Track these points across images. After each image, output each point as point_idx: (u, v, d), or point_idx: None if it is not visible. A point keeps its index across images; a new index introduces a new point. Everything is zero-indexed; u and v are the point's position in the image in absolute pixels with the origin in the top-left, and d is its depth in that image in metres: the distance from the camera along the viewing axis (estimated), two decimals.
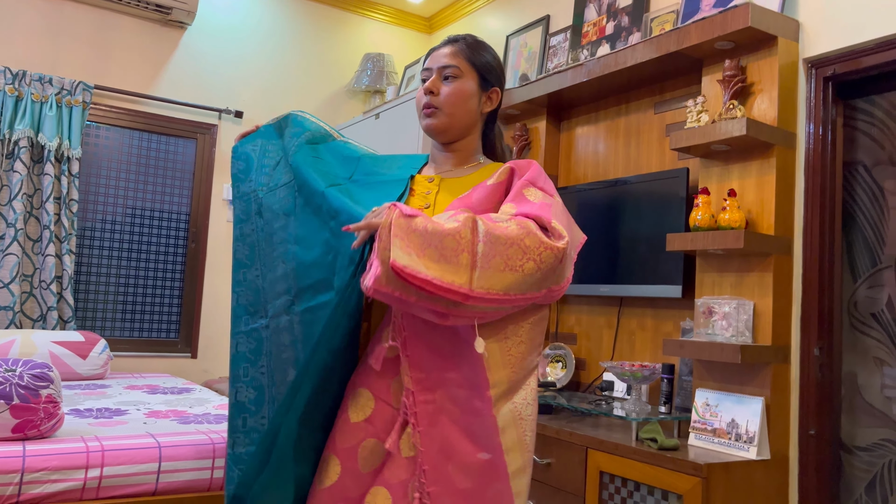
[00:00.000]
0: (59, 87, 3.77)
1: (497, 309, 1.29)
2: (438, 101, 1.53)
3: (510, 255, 1.26)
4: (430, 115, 1.54)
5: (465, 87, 1.55)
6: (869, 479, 2.30)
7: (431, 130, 1.56)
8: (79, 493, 1.83)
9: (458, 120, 1.55)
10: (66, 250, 3.72)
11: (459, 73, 1.55)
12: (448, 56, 1.55)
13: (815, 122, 2.41)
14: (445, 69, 1.55)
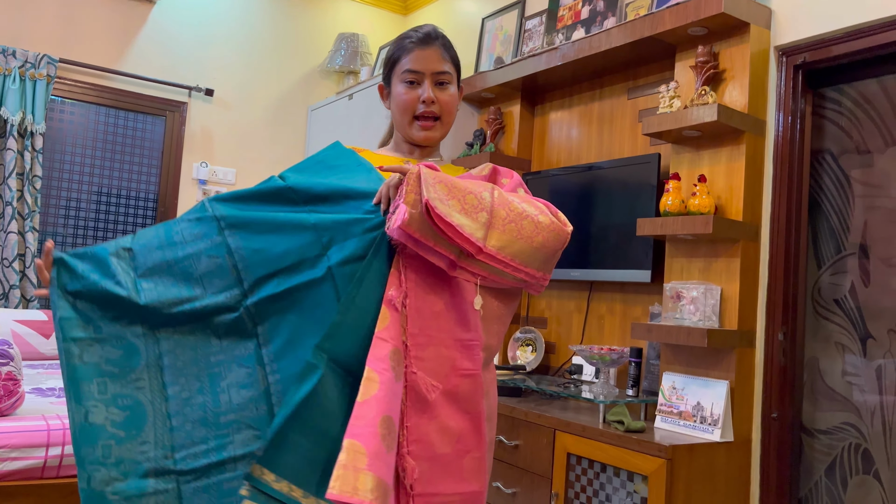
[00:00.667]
0: (23, 60, 3.67)
1: (500, 274, 1.34)
2: (438, 110, 1.51)
3: (524, 226, 1.33)
4: (430, 127, 1.51)
5: (455, 93, 1.55)
6: (829, 462, 2.35)
7: (430, 141, 1.54)
8: (39, 472, 1.80)
9: (449, 127, 1.56)
10: (28, 227, 3.64)
11: (451, 79, 1.53)
12: (439, 61, 1.51)
13: (784, 110, 2.44)
14: (440, 75, 1.51)
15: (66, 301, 1.32)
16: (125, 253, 1.37)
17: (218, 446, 1.29)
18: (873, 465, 2.24)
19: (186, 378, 1.32)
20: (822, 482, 2.35)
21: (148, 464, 1.27)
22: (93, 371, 1.29)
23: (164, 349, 1.33)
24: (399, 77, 1.52)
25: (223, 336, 1.35)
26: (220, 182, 4.35)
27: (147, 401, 1.30)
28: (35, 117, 3.68)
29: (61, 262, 1.35)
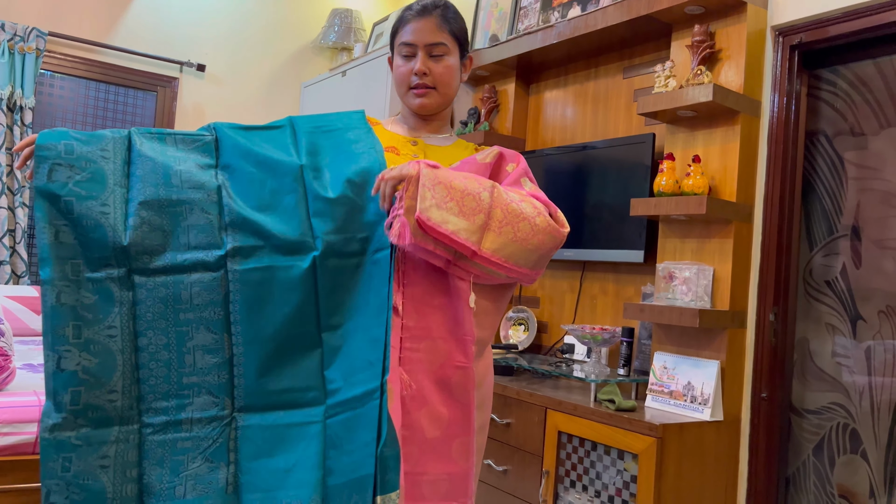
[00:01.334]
0: (12, 33, 3.62)
1: (494, 273, 1.38)
2: (432, 80, 1.52)
3: (520, 227, 1.36)
4: (423, 94, 1.52)
5: (453, 64, 1.54)
6: (817, 441, 2.37)
7: (425, 109, 1.55)
8: (31, 447, 1.80)
9: (449, 97, 1.56)
10: (19, 203, 3.61)
11: (447, 50, 1.52)
12: (434, 32, 1.50)
13: (780, 91, 2.43)
14: (434, 46, 1.51)
15: (48, 225, 1.29)
16: (122, 187, 1.35)
17: (178, 406, 1.32)
18: (861, 444, 2.26)
19: (154, 332, 1.32)
20: (810, 461, 2.38)
21: (114, 412, 1.29)
22: (68, 314, 1.28)
23: (138, 297, 1.32)
24: (397, 49, 1.55)
25: (195, 295, 1.34)
26: None
27: (118, 350, 1.30)
28: (24, 91, 3.63)
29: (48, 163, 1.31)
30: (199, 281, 1.34)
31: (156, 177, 1.36)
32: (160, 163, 1.37)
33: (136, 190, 1.34)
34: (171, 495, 1.30)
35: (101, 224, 1.31)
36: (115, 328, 1.31)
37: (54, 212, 1.30)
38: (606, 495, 2.31)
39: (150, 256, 1.34)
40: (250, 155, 1.42)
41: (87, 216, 1.31)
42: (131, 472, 1.29)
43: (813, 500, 2.36)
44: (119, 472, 1.29)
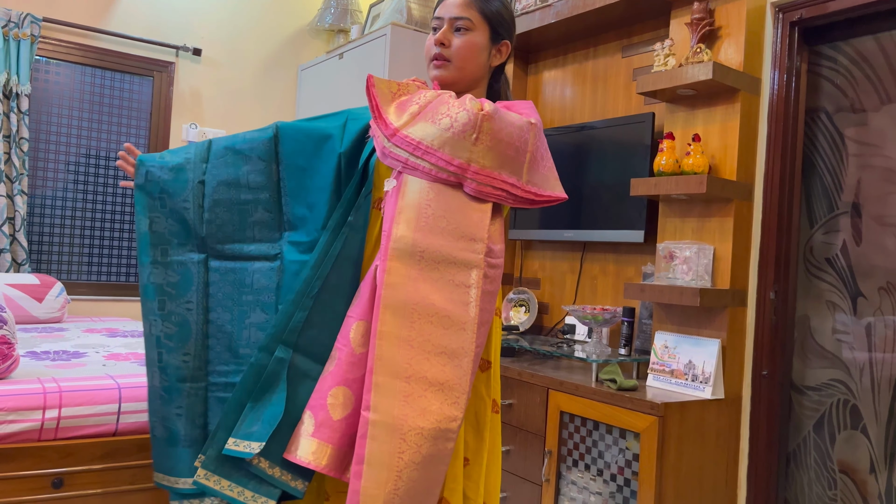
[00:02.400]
0: (6, 20, 3.59)
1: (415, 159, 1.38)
2: (449, 53, 1.52)
3: (439, 110, 1.40)
4: (439, 66, 1.53)
5: (476, 41, 1.53)
6: (817, 418, 2.39)
7: (440, 81, 1.55)
8: (37, 434, 1.81)
9: (467, 73, 1.54)
10: (17, 191, 3.60)
11: (471, 26, 1.52)
12: (461, 7, 1.52)
13: (780, 68, 2.42)
14: (457, 20, 1.52)
15: (145, 217, 1.62)
16: (199, 187, 1.63)
17: (234, 370, 1.60)
18: (861, 420, 2.28)
19: (223, 308, 1.61)
20: (811, 437, 2.40)
21: (187, 371, 1.59)
22: (156, 290, 1.60)
23: (212, 279, 1.62)
24: (431, 27, 1.58)
25: (255, 280, 1.61)
26: None
27: (193, 321, 1.60)
28: (20, 78, 3.61)
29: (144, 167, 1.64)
30: (260, 269, 1.61)
31: (227, 178, 1.63)
32: (231, 163, 1.64)
33: (211, 188, 1.63)
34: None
35: (184, 217, 1.62)
36: (192, 303, 1.61)
37: (149, 206, 1.62)
38: (609, 474, 2.33)
39: (223, 245, 1.62)
40: (304, 152, 1.63)
41: (174, 210, 1.62)
42: (199, 421, 1.58)
43: (814, 476, 2.38)
44: (189, 419, 1.58)
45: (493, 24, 1.56)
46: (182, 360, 1.58)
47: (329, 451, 1.37)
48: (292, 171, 1.63)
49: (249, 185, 1.62)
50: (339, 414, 1.37)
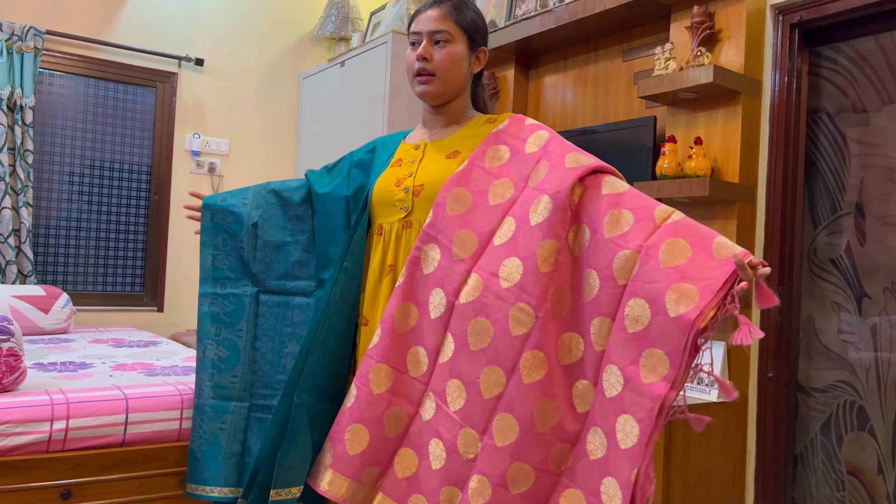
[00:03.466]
0: (10, 33, 3.61)
1: None
2: (432, 66, 1.56)
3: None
4: (424, 81, 1.57)
5: (456, 51, 1.57)
6: (824, 419, 2.38)
7: (426, 96, 1.59)
8: (45, 445, 1.82)
9: (451, 85, 1.58)
10: (23, 203, 3.62)
11: (450, 38, 1.56)
12: (437, 20, 1.55)
13: (780, 70, 2.42)
14: (436, 34, 1.55)
15: (209, 255, 1.81)
16: (252, 229, 1.80)
17: (272, 394, 1.77)
18: (868, 421, 2.27)
19: (268, 337, 1.79)
20: (818, 439, 2.39)
21: (234, 391, 1.77)
22: (213, 318, 1.79)
23: (260, 311, 1.80)
24: (409, 41, 1.61)
25: (295, 314, 1.78)
26: (213, 153, 4.32)
27: (242, 347, 1.78)
28: (24, 91, 3.63)
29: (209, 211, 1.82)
30: (299, 304, 1.79)
31: (276, 221, 1.82)
32: (277, 208, 1.82)
33: (262, 231, 1.81)
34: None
35: (241, 255, 1.81)
36: (243, 331, 1.79)
37: (213, 244, 1.81)
38: None
39: (271, 281, 1.80)
40: (322, 198, 1.79)
41: (233, 249, 1.81)
42: (239, 436, 1.75)
43: (821, 477, 2.37)
44: (231, 434, 1.74)
45: (470, 33, 1.60)
46: (230, 381, 1.76)
47: (346, 484, 1.43)
48: (317, 215, 1.80)
49: (291, 229, 1.81)
50: (355, 450, 1.42)
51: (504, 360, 1.30)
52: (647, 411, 1.16)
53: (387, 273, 1.55)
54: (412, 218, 1.55)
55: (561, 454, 1.28)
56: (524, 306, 1.30)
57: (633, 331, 1.21)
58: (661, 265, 1.20)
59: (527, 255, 1.32)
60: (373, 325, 1.55)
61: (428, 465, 1.40)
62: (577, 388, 1.29)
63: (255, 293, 1.80)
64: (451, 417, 1.36)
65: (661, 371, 1.17)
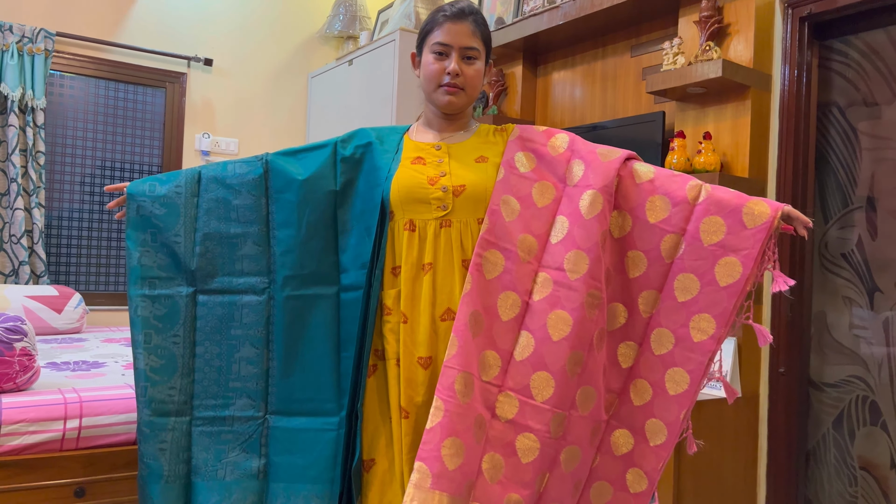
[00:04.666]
0: (20, 35, 3.64)
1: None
2: (462, 82, 1.60)
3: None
4: (453, 93, 1.60)
5: (481, 68, 1.64)
6: (836, 415, 2.37)
7: (451, 107, 1.62)
8: (58, 444, 1.84)
9: (473, 98, 1.65)
10: (35, 203, 3.65)
11: (478, 55, 1.62)
12: (469, 37, 1.59)
13: (790, 63, 2.41)
14: (468, 50, 1.60)
15: (136, 251, 1.60)
16: (190, 220, 1.62)
17: (223, 404, 1.60)
18: (880, 416, 2.26)
19: (211, 342, 1.61)
20: (830, 434, 2.38)
21: (172, 405, 1.58)
22: (143, 323, 1.58)
23: (199, 314, 1.61)
24: (429, 48, 1.61)
25: (245, 315, 1.61)
26: (223, 153, 4.34)
27: (179, 354, 1.59)
28: (35, 92, 3.66)
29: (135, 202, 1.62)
30: (249, 304, 1.61)
31: (218, 211, 1.62)
32: (221, 197, 1.63)
33: (202, 222, 1.62)
34: (213, 476, 1.58)
35: (174, 251, 1.61)
36: (179, 336, 1.60)
37: (140, 240, 1.60)
38: None
39: (212, 279, 1.62)
40: (292, 185, 1.63)
41: (165, 244, 1.61)
42: (183, 455, 1.58)
43: (834, 473, 2.36)
44: (174, 454, 1.57)
45: (488, 48, 1.66)
46: (167, 394, 1.58)
47: (449, 501, 1.42)
48: (282, 205, 1.63)
49: (239, 219, 1.63)
50: (454, 464, 1.41)
51: (584, 342, 1.46)
52: (697, 364, 1.44)
53: (426, 271, 1.53)
54: (452, 217, 1.55)
55: (609, 403, 1.53)
56: (595, 292, 1.46)
57: (682, 300, 1.46)
58: (704, 244, 1.44)
59: (589, 246, 1.48)
60: (412, 322, 1.52)
61: (517, 461, 1.46)
62: (621, 349, 1.53)
63: (192, 293, 1.61)
64: (541, 408, 1.45)
65: (710, 331, 1.43)
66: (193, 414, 1.60)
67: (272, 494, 1.59)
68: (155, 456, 1.56)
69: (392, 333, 1.56)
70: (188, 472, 1.58)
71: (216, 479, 1.58)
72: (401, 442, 1.52)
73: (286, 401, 1.61)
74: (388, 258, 1.58)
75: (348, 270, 1.63)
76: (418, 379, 1.51)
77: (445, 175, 1.57)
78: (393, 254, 1.58)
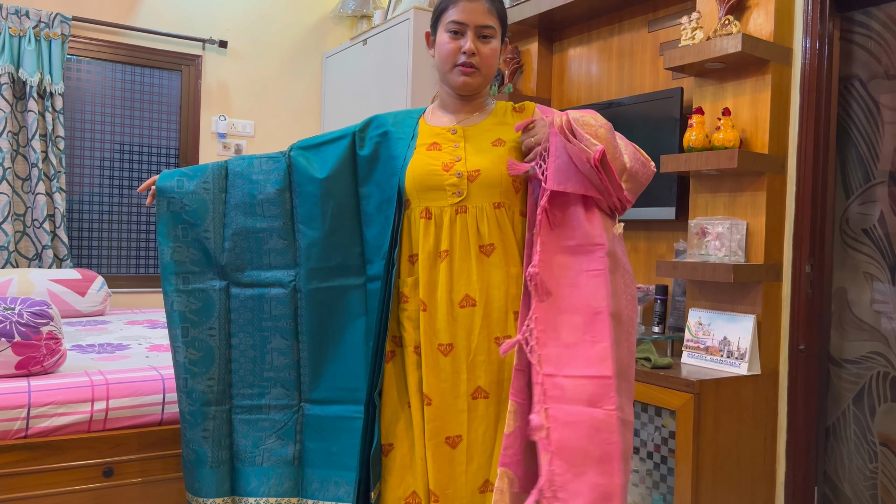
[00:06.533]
0: (37, 20, 3.66)
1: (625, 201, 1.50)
2: (478, 61, 1.57)
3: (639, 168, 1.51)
4: (469, 73, 1.57)
5: (497, 47, 1.61)
6: (857, 391, 2.36)
7: (467, 87, 1.59)
8: (86, 426, 1.88)
9: (489, 79, 1.62)
10: (56, 188, 3.69)
11: (494, 34, 1.58)
12: (485, 15, 1.56)
13: (811, 36, 2.37)
14: (483, 29, 1.56)
15: (168, 247, 1.64)
16: (220, 217, 1.66)
17: (259, 393, 1.66)
18: None
19: (245, 334, 1.66)
20: (850, 411, 2.37)
21: (212, 395, 1.63)
22: (180, 318, 1.63)
23: (233, 306, 1.66)
24: (444, 26, 1.58)
25: (274, 307, 1.65)
26: (239, 135, 4.36)
27: (216, 346, 1.65)
28: (53, 77, 3.68)
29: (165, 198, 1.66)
30: (276, 296, 1.65)
31: (244, 207, 1.66)
32: (247, 192, 1.67)
33: (230, 218, 1.66)
34: (252, 462, 1.64)
35: (205, 246, 1.65)
36: (215, 329, 1.65)
37: (171, 235, 1.64)
38: (645, 451, 2.34)
39: (242, 273, 1.66)
40: (313, 181, 1.65)
41: (196, 239, 1.65)
42: (225, 442, 1.64)
43: (854, 449, 2.36)
44: (216, 441, 1.63)
45: (504, 26, 1.63)
46: (207, 385, 1.63)
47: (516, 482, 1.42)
48: (305, 199, 1.66)
49: (265, 214, 1.66)
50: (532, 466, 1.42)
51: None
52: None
53: (443, 258, 1.52)
54: (467, 203, 1.53)
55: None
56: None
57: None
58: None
59: None
60: (431, 310, 1.52)
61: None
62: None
63: (225, 286, 1.65)
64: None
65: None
66: (233, 403, 1.65)
67: (307, 480, 1.63)
68: (199, 443, 1.61)
69: (409, 321, 1.57)
70: (231, 457, 1.64)
71: (255, 465, 1.63)
72: (422, 427, 1.53)
73: (319, 389, 1.64)
74: (405, 246, 1.59)
75: (373, 261, 1.64)
76: (440, 365, 1.51)
77: (461, 160, 1.56)
78: (410, 242, 1.58)
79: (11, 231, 3.58)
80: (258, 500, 1.63)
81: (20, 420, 1.79)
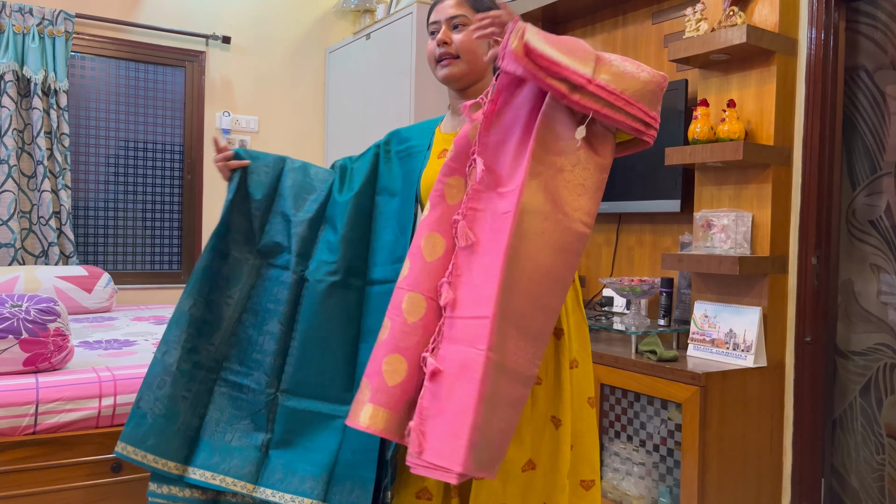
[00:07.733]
0: (41, 18, 3.66)
1: (615, 109, 1.33)
2: (454, 49, 1.58)
3: (627, 67, 1.35)
4: (447, 64, 1.58)
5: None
6: (863, 383, 2.35)
7: (450, 79, 1.60)
8: (94, 421, 1.88)
9: (475, 66, 1.60)
10: (61, 185, 3.70)
11: (468, 21, 1.58)
12: (454, 6, 1.58)
13: (817, 26, 2.35)
14: (453, 19, 1.58)
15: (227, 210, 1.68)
16: (268, 202, 1.72)
17: (245, 373, 1.66)
18: None
19: (252, 312, 1.68)
20: (857, 402, 2.37)
21: (205, 360, 1.64)
22: (211, 276, 1.66)
23: (256, 283, 1.70)
24: (428, 32, 1.63)
25: (279, 291, 1.67)
26: (243, 130, 4.36)
27: (227, 316, 1.67)
28: (57, 75, 3.69)
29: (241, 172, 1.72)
30: (286, 281, 1.67)
31: (292, 199, 1.73)
32: (298, 183, 1.74)
33: (278, 204, 1.73)
34: (220, 438, 1.62)
35: (251, 222, 1.71)
36: (233, 299, 1.67)
37: (234, 201, 1.69)
38: (651, 444, 2.34)
39: (272, 256, 1.70)
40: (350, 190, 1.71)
41: (247, 213, 1.70)
42: (199, 411, 1.62)
43: (860, 441, 2.35)
44: (193, 405, 1.60)
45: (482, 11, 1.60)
46: (206, 348, 1.63)
47: (385, 416, 1.40)
48: (332, 203, 1.73)
49: (305, 208, 1.73)
50: (393, 380, 1.41)
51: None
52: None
53: None
54: None
55: None
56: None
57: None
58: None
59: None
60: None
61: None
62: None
63: (258, 266, 1.70)
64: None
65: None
66: (221, 375, 1.65)
67: (271, 468, 1.60)
68: (176, 400, 1.57)
69: None
70: (199, 426, 1.61)
71: (222, 442, 1.61)
72: None
73: (299, 382, 1.64)
74: None
75: (379, 265, 1.66)
76: None
77: None
78: None
79: (18, 228, 3.59)
80: (214, 475, 1.58)
81: (28, 416, 1.80)
